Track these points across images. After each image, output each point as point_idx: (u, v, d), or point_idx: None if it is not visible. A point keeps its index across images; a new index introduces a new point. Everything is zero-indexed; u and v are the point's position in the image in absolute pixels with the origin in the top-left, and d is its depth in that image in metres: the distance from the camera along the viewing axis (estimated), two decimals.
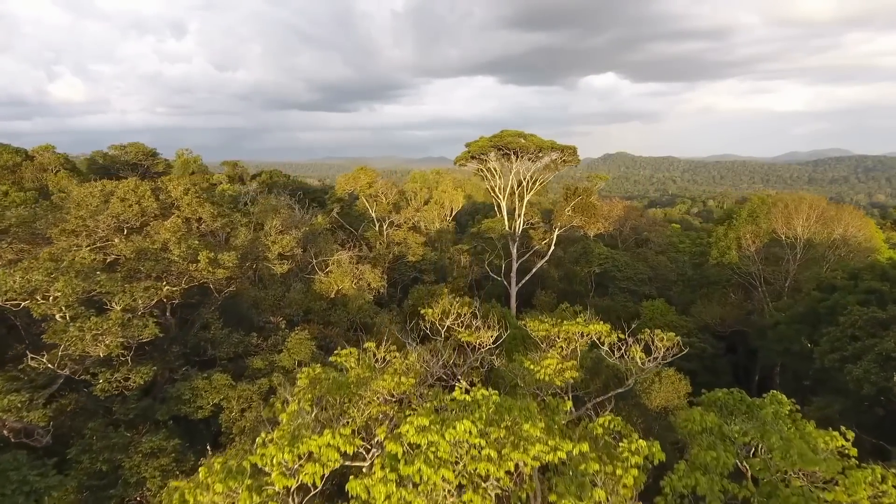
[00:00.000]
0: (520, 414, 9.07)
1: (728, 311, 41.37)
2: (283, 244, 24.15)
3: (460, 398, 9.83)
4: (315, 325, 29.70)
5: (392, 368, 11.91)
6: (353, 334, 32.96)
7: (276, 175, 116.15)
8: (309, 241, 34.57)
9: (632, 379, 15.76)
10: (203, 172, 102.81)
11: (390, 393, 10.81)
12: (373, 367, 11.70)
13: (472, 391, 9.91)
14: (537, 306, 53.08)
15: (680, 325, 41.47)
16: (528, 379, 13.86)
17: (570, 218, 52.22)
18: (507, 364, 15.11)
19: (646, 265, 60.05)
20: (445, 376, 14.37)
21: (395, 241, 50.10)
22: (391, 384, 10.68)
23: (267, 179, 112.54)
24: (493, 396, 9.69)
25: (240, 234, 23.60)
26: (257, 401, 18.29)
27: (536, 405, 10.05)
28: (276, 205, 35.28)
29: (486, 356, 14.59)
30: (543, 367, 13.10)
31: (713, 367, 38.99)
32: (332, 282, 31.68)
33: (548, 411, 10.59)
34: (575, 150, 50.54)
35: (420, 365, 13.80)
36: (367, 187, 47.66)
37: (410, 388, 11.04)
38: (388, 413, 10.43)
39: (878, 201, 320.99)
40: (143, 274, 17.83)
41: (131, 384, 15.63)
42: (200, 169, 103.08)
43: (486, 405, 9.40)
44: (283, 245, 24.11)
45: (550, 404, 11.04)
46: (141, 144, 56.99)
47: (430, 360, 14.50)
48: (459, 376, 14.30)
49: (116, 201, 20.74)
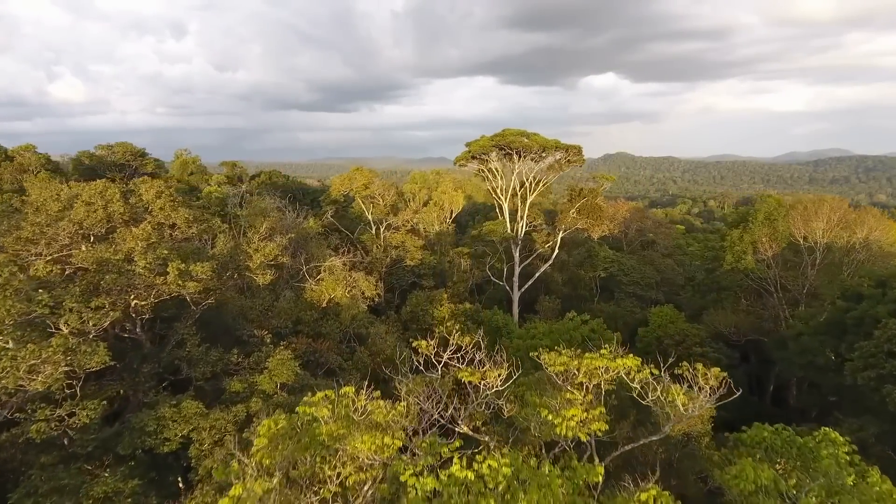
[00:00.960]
0: (542, 499, 7.05)
1: (742, 319, 39.29)
2: (266, 252, 22.10)
3: (460, 475, 7.76)
4: (304, 337, 27.65)
5: (375, 420, 9.78)
6: (347, 346, 30.91)
7: (275, 175, 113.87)
8: (299, 247, 32.51)
9: (669, 425, 13.48)
10: (202, 173, 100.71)
11: (372, 455, 8.76)
12: (350, 417, 9.63)
13: (476, 460, 7.87)
14: (541, 312, 51.05)
15: (691, 334, 39.40)
16: (544, 430, 11.76)
17: (575, 220, 50.18)
18: (519, 407, 12.88)
19: (652, 269, 58.01)
20: (443, 418, 12.22)
21: (393, 244, 48.01)
22: (373, 446, 8.65)
23: (266, 180, 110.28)
24: (503, 469, 7.62)
25: (219, 242, 21.56)
26: (232, 432, 16.20)
27: (558, 474, 8.00)
28: (265, 207, 33.20)
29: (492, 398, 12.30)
30: (565, 418, 10.94)
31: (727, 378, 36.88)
32: (323, 290, 29.62)
33: (573, 478, 8.52)
34: (580, 150, 48.52)
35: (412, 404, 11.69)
36: (363, 188, 45.60)
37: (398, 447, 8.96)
38: (367, 479, 8.42)
39: (880, 201, 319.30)
40: (102, 289, 15.81)
41: (76, 422, 13.56)
42: (199, 169, 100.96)
43: (495, 481, 7.33)
44: (266, 253, 22.06)
45: (577, 471, 8.93)
46: (129, 144, 54.88)
47: (425, 398, 12.33)
48: (460, 421, 12.16)
49: (80, 206, 18.71)
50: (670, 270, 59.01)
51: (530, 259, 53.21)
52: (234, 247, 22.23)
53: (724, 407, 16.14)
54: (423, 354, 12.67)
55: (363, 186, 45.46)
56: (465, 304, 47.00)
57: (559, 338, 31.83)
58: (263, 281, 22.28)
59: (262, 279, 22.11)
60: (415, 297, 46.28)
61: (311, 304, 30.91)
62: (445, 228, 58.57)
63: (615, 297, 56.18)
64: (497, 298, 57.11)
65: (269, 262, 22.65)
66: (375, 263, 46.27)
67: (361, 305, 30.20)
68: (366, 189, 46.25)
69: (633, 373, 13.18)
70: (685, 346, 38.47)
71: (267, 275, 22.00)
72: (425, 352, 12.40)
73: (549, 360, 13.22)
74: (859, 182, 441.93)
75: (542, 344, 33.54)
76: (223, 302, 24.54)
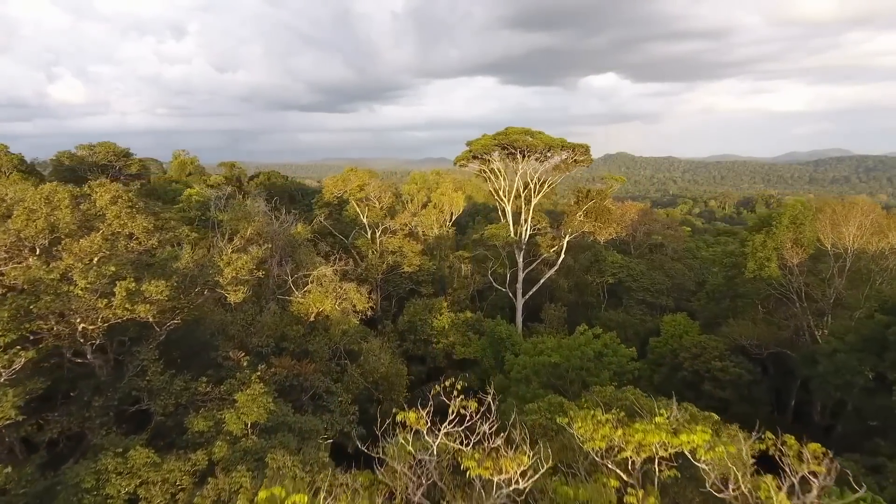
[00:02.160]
0: None
1: (763, 330, 36.57)
2: (239, 265, 19.34)
3: None
4: (288, 357, 24.92)
5: None
6: (336, 364, 28.17)
7: (274, 176, 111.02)
8: (286, 254, 29.78)
9: None
10: (200, 173, 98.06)
11: None
12: None
13: None
14: (546, 320, 48.36)
15: (709, 346, 36.69)
16: None
17: (582, 224, 47.49)
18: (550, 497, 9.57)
19: (662, 274, 55.30)
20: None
21: (390, 249, 45.29)
22: None
23: (264, 181, 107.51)
24: None
25: (185, 253, 18.82)
26: (188, 486, 13.46)
27: None
28: (249, 211, 30.46)
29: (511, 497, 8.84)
30: None
31: (750, 396, 34.20)
32: (310, 303, 26.90)
33: None
34: (587, 149, 45.84)
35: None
36: (357, 190, 42.85)
37: None
38: None
39: (881, 201, 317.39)
40: (36, 314, 13.15)
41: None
42: (197, 170, 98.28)
43: None
44: (239, 266, 19.31)
45: None
46: (111, 144, 52.13)
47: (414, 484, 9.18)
48: None
49: (21, 213, 16.03)
50: (680, 275, 56.32)
51: (535, 265, 50.49)
52: (203, 259, 19.49)
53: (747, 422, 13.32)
54: (410, 429, 9.32)
55: (358, 188, 42.71)
56: (467, 313, 44.30)
57: (570, 354, 29.13)
58: (235, 299, 19.55)
59: (233, 297, 19.37)
60: (412, 305, 43.60)
61: (298, 317, 28.22)
62: (445, 232, 55.84)
63: (623, 304, 53.47)
64: (500, 305, 54.39)
65: (245, 276, 19.90)
66: (371, 270, 43.55)
67: (353, 320, 27.43)
68: (361, 191, 43.51)
69: (701, 452, 9.73)
70: (703, 360, 35.79)
71: (239, 292, 19.25)
72: (414, 425, 9.23)
73: (584, 432, 9.86)
74: (860, 182, 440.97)
75: (552, 361, 30.89)
76: (199, 318, 21.86)
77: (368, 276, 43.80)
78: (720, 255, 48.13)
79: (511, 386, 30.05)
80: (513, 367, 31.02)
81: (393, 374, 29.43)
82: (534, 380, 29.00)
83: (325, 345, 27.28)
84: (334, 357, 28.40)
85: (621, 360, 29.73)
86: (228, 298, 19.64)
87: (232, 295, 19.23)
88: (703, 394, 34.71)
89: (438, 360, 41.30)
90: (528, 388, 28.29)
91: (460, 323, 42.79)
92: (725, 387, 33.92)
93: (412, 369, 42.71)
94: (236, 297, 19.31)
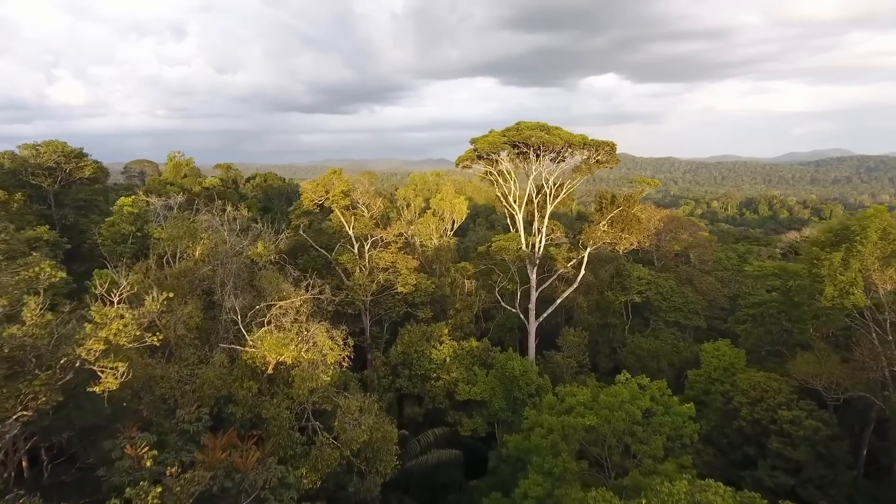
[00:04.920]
0: None
1: (836, 367, 29.73)
2: (113, 330, 12.49)
3: None
4: (232, 434, 18.01)
5: None
6: (302, 434, 21.22)
7: (271, 178, 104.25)
8: (239, 284, 22.87)
9: None
10: (196, 175, 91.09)
11: None
12: None
13: None
14: (564, 348, 41.46)
15: (771, 388, 29.83)
16: None
17: (606, 234, 40.61)
18: None
19: (691, 289, 48.45)
20: None
21: (381, 266, 38.34)
22: None
23: (261, 182, 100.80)
24: None
25: (27, 310, 11.94)
26: None
27: None
28: (195, 226, 23.55)
29: None
30: None
31: (829, 455, 27.29)
32: (265, 353, 19.99)
33: None
34: (613, 148, 38.99)
35: None
36: (341, 197, 35.88)
37: None
38: None
39: (883, 201, 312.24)
40: None
41: None
42: (193, 172, 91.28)
43: None
44: (113, 332, 12.43)
45: None
46: (61, 143, 45.12)
47: None
48: None
49: None
50: (713, 290, 49.49)
51: (550, 281, 43.60)
52: (63, 321, 12.64)
53: None
54: None
55: (342, 194, 35.74)
56: (471, 341, 37.32)
57: (610, 415, 22.20)
58: (110, 385, 12.58)
59: (106, 382, 12.43)
60: (408, 332, 36.69)
61: (254, 370, 21.29)
62: (446, 243, 48.98)
63: (650, 325, 46.59)
64: (508, 326, 47.49)
65: (129, 343, 13.03)
66: (357, 291, 36.60)
67: (323, 376, 20.46)
68: (346, 197, 36.54)
69: None
70: (766, 408, 28.90)
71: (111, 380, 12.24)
72: None
73: None
74: (861, 182, 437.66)
75: (586, 423, 23.96)
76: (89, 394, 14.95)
77: (355, 298, 36.88)
78: (768, 269, 41.11)
79: (532, 452, 23.15)
80: (534, 427, 24.10)
81: (378, 439, 22.50)
82: (563, 448, 22.02)
83: (287, 408, 20.33)
84: (300, 419, 21.46)
85: (676, 421, 22.81)
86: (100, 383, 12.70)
87: (105, 380, 12.36)
88: (769, 451, 27.92)
89: (438, 400, 34.37)
90: (557, 461, 21.32)
91: (464, 354, 35.88)
92: (798, 444, 27.05)
93: (407, 410, 35.98)
94: (109, 382, 12.43)
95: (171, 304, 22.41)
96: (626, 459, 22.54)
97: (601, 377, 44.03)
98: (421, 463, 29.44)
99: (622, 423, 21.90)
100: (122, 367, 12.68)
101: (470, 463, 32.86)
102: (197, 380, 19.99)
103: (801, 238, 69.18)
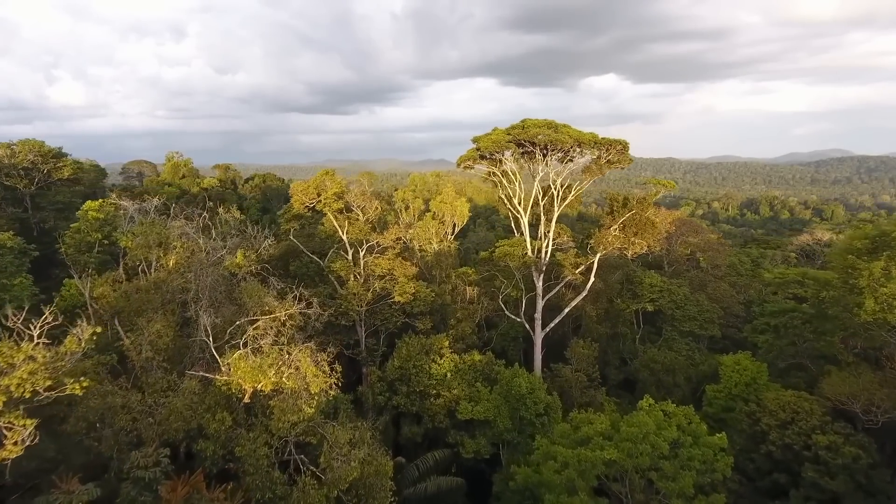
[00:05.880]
0: None
1: (870, 385, 27.25)
2: (16, 379, 9.79)
3: None
4: (198, 478, 15.47)
5: None
6: (283, 470, 18.66)
7: (269, 178, 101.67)
8: (216, 298, 20.32)
9: None
10: (194, 176, 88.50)
11: None
12: None
13: None
14: (573, 360, 38.94)
15: (803, 409, 27.32)
16: None
17: (617, 239, 38.09)
18: None
19: (705, 296, 45.89)
20: None
21: (377, 273, 35.78)
22: None
23: (260, 183, 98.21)
24: None
25: None
26: None
27: None
28: (165, 233, 20.98)
29: None
30: None
31: (869, 486, 24.75)
32: (240, 381, 17.44)
33: None
34: (625, 147, 36.47)
35: None
36: (334, 200, 33.33)
37: None
38: None
39: (885, 202, 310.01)
40: None
41: None
42: (191, 172, 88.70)
43: None
44: (15, 381, 9.75)
45: None
46: (38, 142, 42.54)
47: None
48: None
49: None
50: (727, 298, 46.96)
51: (558, 288, 41.07)
52: None
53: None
54: None
55: (334, 197, 33.18)
56: (474, 355, 34.74)
57: (633, 448, 19.65)
58: (10, 454, 9.96)
59: (9, 450, 9.77)
60: (405, 345, 34.16)
61: (228, 398, 18.73)
62: (446, 247, 46.46)
63: (663, 335, 44.04)
64: (512, 336, 44.93)
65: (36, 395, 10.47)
66: (351, 301, 34.04)
67: (307, 409, 17.90)
68: (339, 200, 33.98)
69: None
70: (798, 432, 26.38)
71: (12, 448, 9.66)
72: None
73: None
74: (861, 182, 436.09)
75: (605, 457, 21.41)
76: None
77: (349, 308, 34.32)
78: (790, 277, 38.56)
79: (544, 488, 20.60)
80: (546, 460, 21.53)
81: (371, 473, 19.91)
82: (580, 485, 19.47)
83: (265, 443, 17.75)
84: (281, 455, 18.87)
85: (706, 454, 20.27)
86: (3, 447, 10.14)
87: (8, 442, 9.74)
88: (803, 481, 25.40)
89: (438, 419, 31.76)
90: (574, 500, 18.78)
91: (466, 369, 33.32)
92: (836, 473, 24.53)
93: (404, 430, 33.43)
94: (12, 450, 9.81)
95: (138, 323, 19.91)
96: (650, 497, 19.99)
97: (611, 390, 41.56)
98: (419, 491, 26.94)
99: (647, 457, 19.34)
100: (31, 426, 10.04)
101: (472, 485, 30.38)
102: (163, 410, 17.46)
103: (814, 240, 66.61)
